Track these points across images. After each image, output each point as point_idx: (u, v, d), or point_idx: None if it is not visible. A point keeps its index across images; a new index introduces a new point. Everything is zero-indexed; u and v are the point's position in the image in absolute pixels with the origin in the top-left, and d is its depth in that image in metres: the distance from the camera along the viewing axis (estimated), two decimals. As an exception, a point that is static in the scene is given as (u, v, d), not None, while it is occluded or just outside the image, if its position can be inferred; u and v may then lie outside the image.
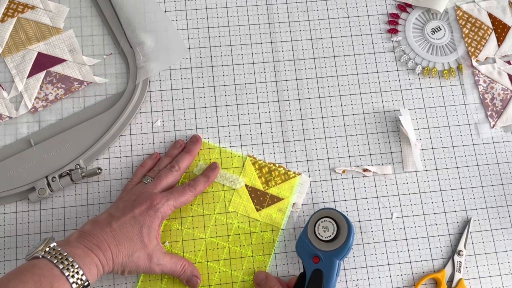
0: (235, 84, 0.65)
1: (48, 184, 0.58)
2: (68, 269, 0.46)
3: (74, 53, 0.64)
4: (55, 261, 0.46)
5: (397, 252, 0.60)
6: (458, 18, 0.69)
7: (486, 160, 0.64)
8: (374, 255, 0.60)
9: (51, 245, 0.48)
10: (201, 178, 0.59)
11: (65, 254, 0.47)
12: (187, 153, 0.60)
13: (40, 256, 0.47)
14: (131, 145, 0.62)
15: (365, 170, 0.62)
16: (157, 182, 0.57)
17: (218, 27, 0.67)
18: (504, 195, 0.63)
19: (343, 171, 0.62)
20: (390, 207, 0.62)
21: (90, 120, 0.61)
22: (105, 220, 0.52)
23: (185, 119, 0.63)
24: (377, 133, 0.64)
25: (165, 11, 0.67)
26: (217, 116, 0.64)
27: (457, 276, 0.59)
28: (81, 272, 0.47)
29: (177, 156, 0.60)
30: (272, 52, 0.66)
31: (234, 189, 0.60)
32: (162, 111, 0.63)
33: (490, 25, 0.69)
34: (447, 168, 0.63)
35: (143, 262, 0.52)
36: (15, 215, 0.59)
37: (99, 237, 0.50)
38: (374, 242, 0.60)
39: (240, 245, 0.59)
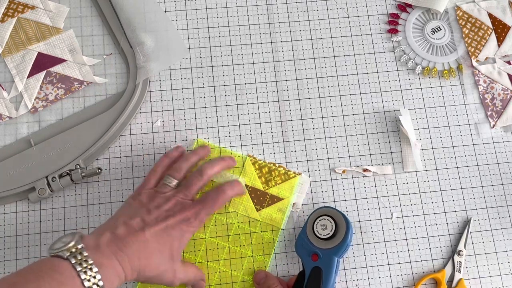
0: (235, 84, 0.65)
1: (48, 184, 0.58)
2: (89, 280, 0.43)
3: (74, 53, 0.64)
4: (79, 269, 0.43)
5: (397, 252, 0.60)
6: (458, 18, 0.69)
7: (486, 160, 0.64)
8: (374, 255, 0.60)
9: (79, 246, 0.45)
10: (228, 188, 0.56)
11: (91, 263, 0.44)
12: (214, 163, 0.57)
13: (65, 256, 0.44)
14: (131, 145, 0.62)
15: (365, 170, 0.62)
16: (189, 189, 0.54)
17: (218, 27, 0.67)
18: (504, 195, 0.63)
19: (343, 171, 0.62)
20: (390, 207, 0.62)
21: (90, 120, 0.61)
22: (138, 225, 0.49)
23: (185, 119, 0.63)
24: (377, 133, 0.64)
25: (165, 11, 0.67)
26: (217, 116, 0.64)
27: (457, 276, 0.59)
28: (101, 284, 0.44)
29: (205, 162, 0.58)
30: (272, 52, 0.66)
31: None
32: (162, 111, 0.63)
33: (490, 25, 0.69)
34: (447, 168, 0.63)
35: (167, 276, 0.50)
36: (15, 215, 0.59)
37: (131, 247, 0.47)
38: (374, 242, 0.60)
39: (240, 245, 0.59)
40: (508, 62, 0.68)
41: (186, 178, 0.57)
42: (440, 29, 0.69)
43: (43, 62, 0.64)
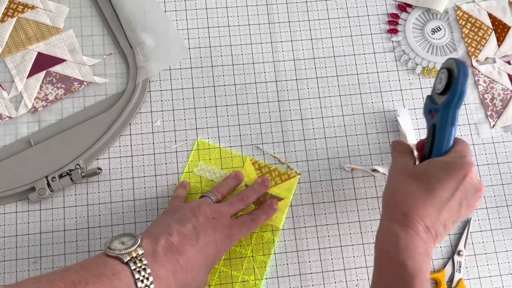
0: (235, 84, 0.65)
1: (48, 184, 0.58)
2: None
3: (74, 53, 0.64)
4: (137, 276, 0.43)
5: (397, 252, 0.60)
6: (458, 18, 0.69)
7: (486, 160, 0.64)
8: (374, 255, 0.60)
9: (140, 252, 0.44)
10: (263, 215, 0.57)
11: (149, 272, 0.43)
12: (256, 192, 0.58)
13: (125, 260, 0.44)
14: (131, 145, 0.62)
15: (373, 170, 0.62)
16: (231, 208, 0.55)
17: (218, 27, 0.67)
18: (504, 195, 0.63)
19: (352, 169, 0.62)
20: (390, 207, 0.61)
21: (90, 120, 0.61)
22: (191, 233, 0.49)
23: (185, 119, 0.63)
24: (377, 133, 0.64)
25: (165, 11, 0.67)
26: (217, 116, 0.64)
27: (457, 276, 0.59)
28: None
29: (244, 190, 0.59)
30: (272, 52, 0.66)
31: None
32: (162, 111, 0.63)
33: (490, 25, 0.69)
34: (447, 168, 0.63)
35: (202, 286, 0.51)
36: (15, 215, 0.59)
37: (186, 258, 0.47)
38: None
39: (240, 245, 0.59)
40: (508, 62, 0.68)
41: (225, 199, 0.58)
42: (440, 29, 0.69)
43: (43, 62, 0.64)
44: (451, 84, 0.48)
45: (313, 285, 0.59)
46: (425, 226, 0.45)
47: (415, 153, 0.53)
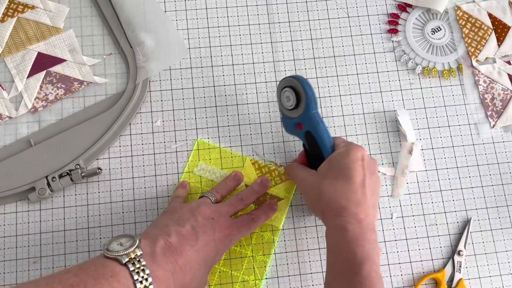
0: (235, 84, 0.65)
1: (48, 184, 0.59)
2: None
3: (74, 53, 0.64)
4: (136, 278, 0.43)
5: (397, 252, 0.60)
6: (458, 18, 0.69)
7: (486, 160, 0.64)
8: (374, 255, 0.60)
9: (138, 253, 0.44)
10: (263, 215, 0.58)
11: (147, 272, 0.43)
12: (255, 193, 0.59)
13: (123, 262, 0.43)
14: (131, 145, 0.62)
15: None
16: (230, 209, 0.55)
17: (218, 27, 0.67)
18: (504, 195, 0.63)
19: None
20: (390, 207, 0.62)
21: (90, 120, 0.61)
22: (190, 234, 0.49)
23: (185, 119, 0.63)
24: (377, 133, 0.64)
25: (165, 11, 0.67)
26: (217, 116, 0.64)
27: (457, 276, 0.59)
28: None
29: (244, 191, 0.59)
30: (272, 52, 0.66)
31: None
32: (162, 111, 0.63)
33: (490, 25, 0.69)
34: (447, 168, 0.63)
35: (201, 286, 0.51)
36: (15, 215, 0.59)
37: (185, 258, 0.47)
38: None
39: (240, 245, 0.59)
40: (508, 62, 0.68)
41: (225, 200, 0.58)
42: (440, 29, 0.69)
43: (43, 62, 0.64)
44: (301, 96, 0.54)
45: (313, 285, 0.59)
46: (363, 213, 0.49)
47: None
